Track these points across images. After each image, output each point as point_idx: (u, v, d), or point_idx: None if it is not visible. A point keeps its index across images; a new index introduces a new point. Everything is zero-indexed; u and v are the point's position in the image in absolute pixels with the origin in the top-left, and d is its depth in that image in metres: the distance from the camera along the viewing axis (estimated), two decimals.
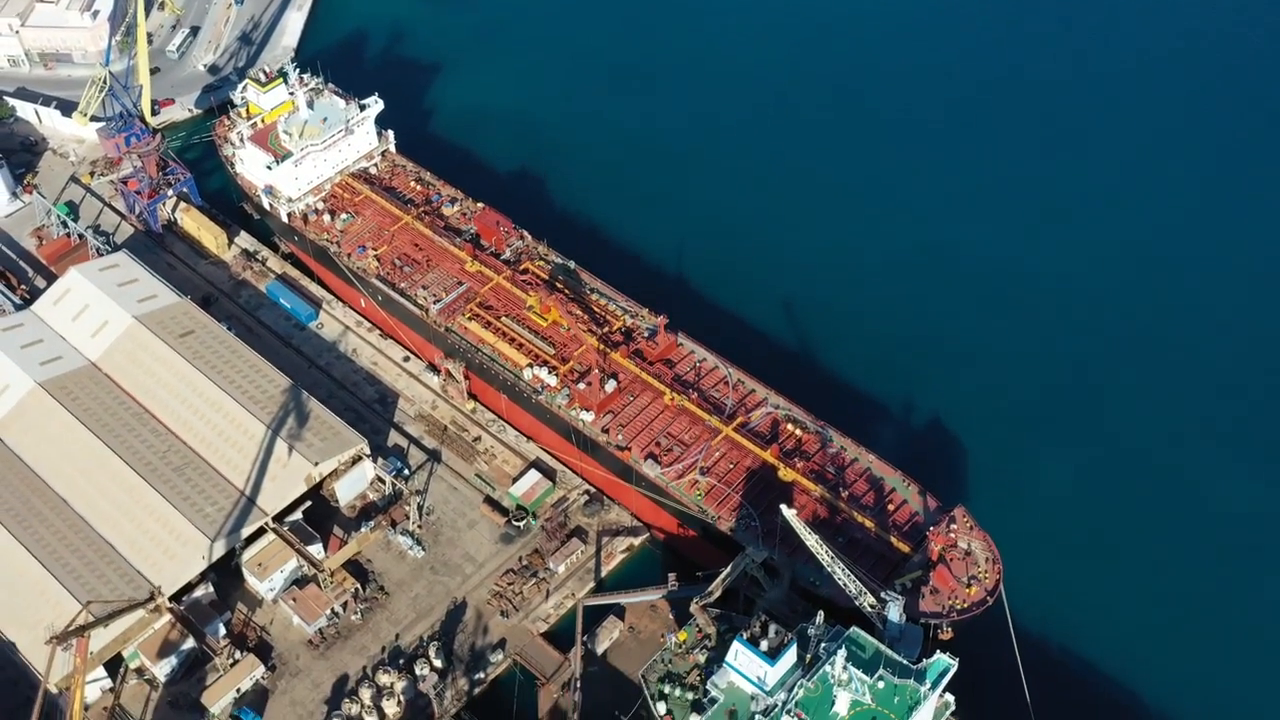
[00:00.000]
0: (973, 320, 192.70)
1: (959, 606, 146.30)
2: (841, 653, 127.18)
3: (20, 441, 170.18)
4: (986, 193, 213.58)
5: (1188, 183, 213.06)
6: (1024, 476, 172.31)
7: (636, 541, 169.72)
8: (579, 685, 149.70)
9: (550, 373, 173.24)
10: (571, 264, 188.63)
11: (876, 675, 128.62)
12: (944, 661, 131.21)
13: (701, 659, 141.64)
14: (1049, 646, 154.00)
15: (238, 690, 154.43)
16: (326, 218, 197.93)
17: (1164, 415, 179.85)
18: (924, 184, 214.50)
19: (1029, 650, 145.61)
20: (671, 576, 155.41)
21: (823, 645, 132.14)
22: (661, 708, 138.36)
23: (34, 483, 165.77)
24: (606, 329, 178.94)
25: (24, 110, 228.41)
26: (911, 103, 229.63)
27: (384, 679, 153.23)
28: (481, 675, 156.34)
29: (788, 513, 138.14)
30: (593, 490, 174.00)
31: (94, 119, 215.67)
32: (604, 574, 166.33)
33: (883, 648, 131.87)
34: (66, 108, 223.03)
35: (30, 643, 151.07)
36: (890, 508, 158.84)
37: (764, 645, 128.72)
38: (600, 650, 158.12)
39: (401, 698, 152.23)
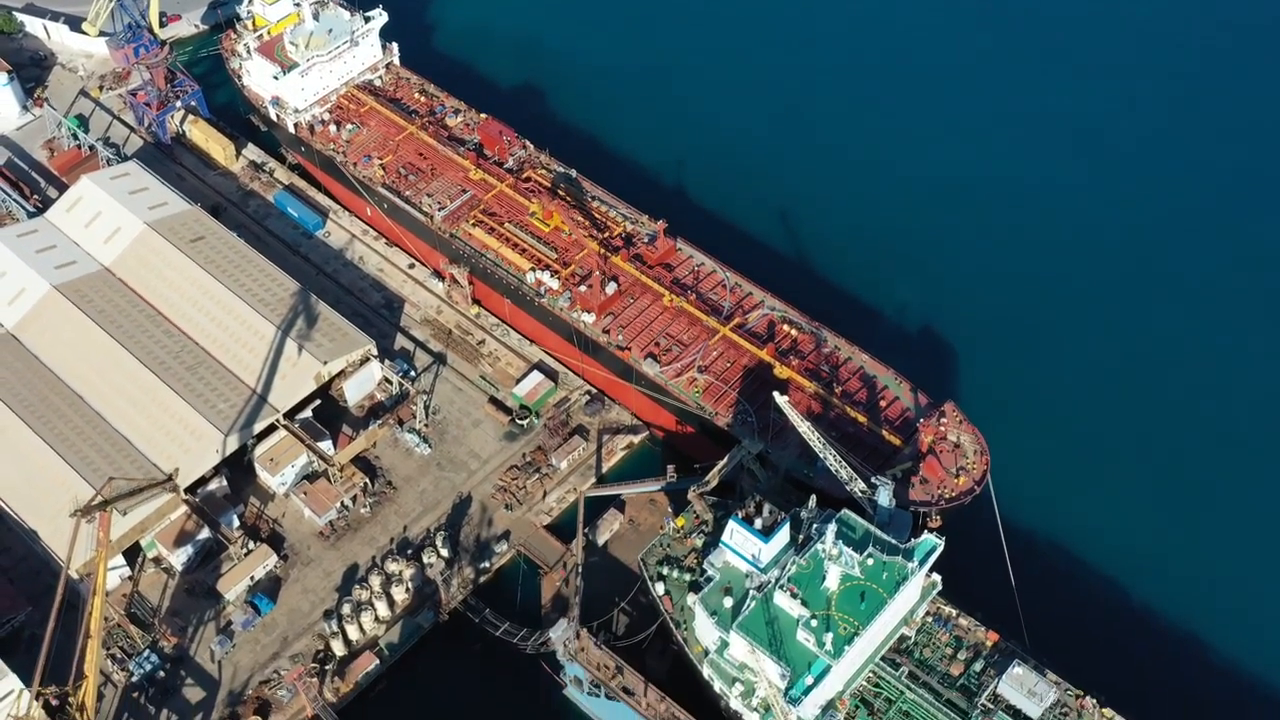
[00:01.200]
0: (968, 227, 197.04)
1: (947, 495, 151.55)
2: (832, 527, 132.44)
3: (37, 342, 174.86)
4: (982, 106, 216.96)
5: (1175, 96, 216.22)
6: (1014, 376, 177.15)
7: (636, 439, 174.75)
8: (580, 574, 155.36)
9: (552, 276, 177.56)
10: (573, 172, 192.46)
11: (866, 553, 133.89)
12: (931, 541, 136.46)
13: (698, 543, 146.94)
14: (1034, 535, 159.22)
15: (252, 578, 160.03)
16: (332, 128, 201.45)
17: (1155, 319, 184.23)
18: (922, 97, 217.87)
19: (1014, 539, 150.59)
20: (670, 468, 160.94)
21: (815, 526, 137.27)
22: (660, 588, 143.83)
23: (51, 381, 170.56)
24: (607, 234, 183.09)
25: (32, 25, 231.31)
26: (915, 20, 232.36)
27: (393, 567, 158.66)
28: (486, 565, 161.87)
29: (780, 400, 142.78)
30: (594, 390, 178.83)
31: (102, 33, 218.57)
32: (605, 470, 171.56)
33: (872, 528, 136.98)
34: (74, 23, 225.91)
35: (51, 531, 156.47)
36: (882, 404, 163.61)
37: (758, 524, 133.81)
38: (601, 541, 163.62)
39: (410, 585, 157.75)
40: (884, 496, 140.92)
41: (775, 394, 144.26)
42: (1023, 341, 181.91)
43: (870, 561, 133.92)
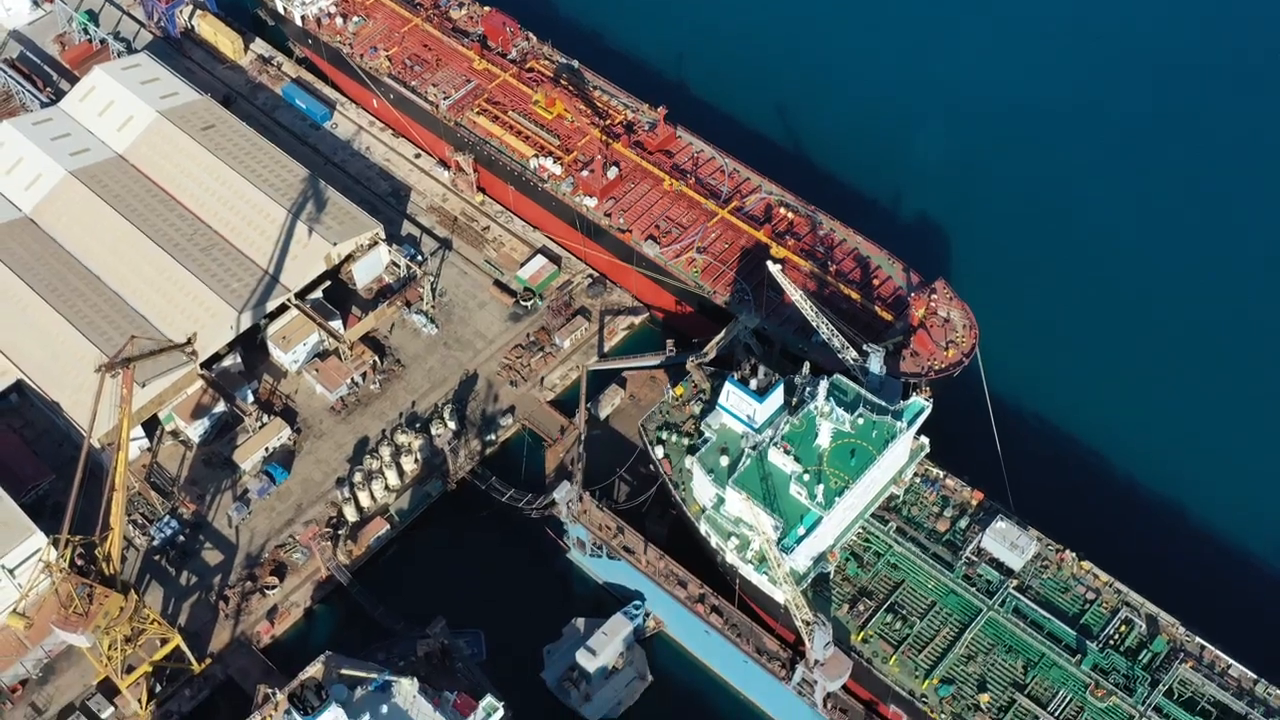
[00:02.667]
0: (963, 119, 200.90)
1: (936, 367, 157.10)
2: (824, 383, 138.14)
3: (54, 225, 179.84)
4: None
5: None
6: (1006, 258, 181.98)
7: (637, 320, 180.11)
8: (582, 444, 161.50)
9: (555, 163, 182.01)
10: (575, 63, 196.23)
11: (856, 414, 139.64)
12: (919, 403, 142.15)
13: (696, 410, 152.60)
14: (1020, 406, 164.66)
15: (266, 449, 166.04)
16: (339, 21, 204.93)
17: (1147, 200, 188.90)
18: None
19: (1001, 409, 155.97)
20: (669, 343, 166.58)
21: (808, 390, 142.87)
22: (659, 451, 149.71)
23: (69, 262, 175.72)
24: (608, 121, 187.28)
25: None
26: None
27: (402, 439, 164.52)
28: (492, 437, 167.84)
29: (773, 268, 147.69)
30: (595, 274, 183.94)
31: None
32: (606, 349, 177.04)
33: (863, 391, 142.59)
34: None
35: (73, 403, 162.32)
36: (875, 283, 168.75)
37: (753, 385, 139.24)
38: (603, 415, 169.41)
39: (418, 456, 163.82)
40: (875, 364, 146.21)
41: (768, 263, 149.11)
42: (1016, 225, 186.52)
43: (861, 421, 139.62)
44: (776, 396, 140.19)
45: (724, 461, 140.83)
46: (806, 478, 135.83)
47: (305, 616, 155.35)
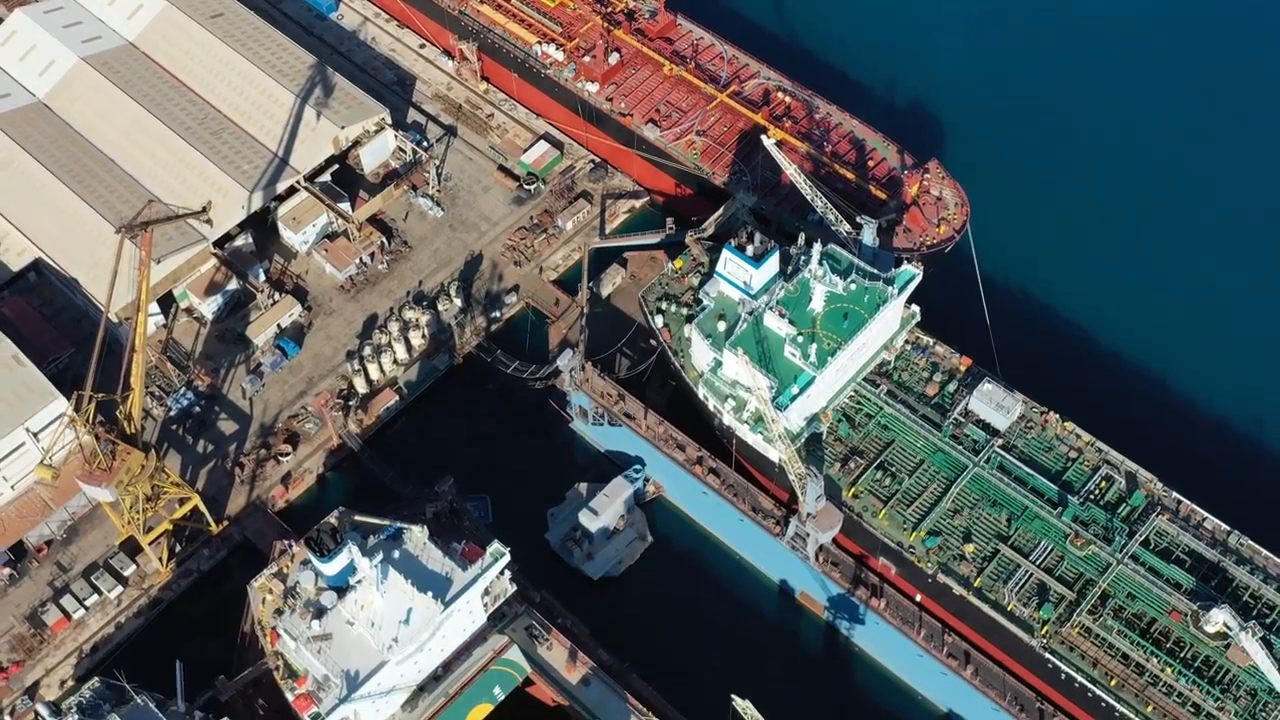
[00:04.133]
0: (958, 9, 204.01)
1: (928, 243, 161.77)
2: (818, 248, 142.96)
3: (68, 110, 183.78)
4: None
5: None
6: (998, 142, 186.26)
7: (637, 204, 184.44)
8: (585, 320, 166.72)
9: (557, 49, 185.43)
10: None
11: (849, 280, 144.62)
12: (910, 271, 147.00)
13: (695, 281, 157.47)
14: (1010, 281, 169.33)
15: (278, 326, 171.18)
16: None
17: (1137, 91, 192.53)
18: None
19: (990, 283, 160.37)
20: (669, 221, 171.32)
21: (803, 259, 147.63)
22: (659, 321, 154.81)
23: (83, 145, 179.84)
24: (609, 9, 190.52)
25: None
26: None
27: (410, 315, 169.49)
28: (497, 314, 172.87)
29: (768, 142, 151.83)
30: (597, 159, 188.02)
31: None
32: (607, 231, 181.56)
33: (856, 259, 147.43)
34: None
35: (91, 279, 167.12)
36: (870, 164, 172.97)
37: (750, 251, 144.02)
38: (604, 293, 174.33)
39: (426, 331, 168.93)
40: (868, 235, 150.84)
41: (763, 137, 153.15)
42: (1008, 110, 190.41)
43: (853, 286, 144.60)
44: (772, 263, 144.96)
45: (721, 327, 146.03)
46: (800, 340, 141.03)
47: (318, 483, 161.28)
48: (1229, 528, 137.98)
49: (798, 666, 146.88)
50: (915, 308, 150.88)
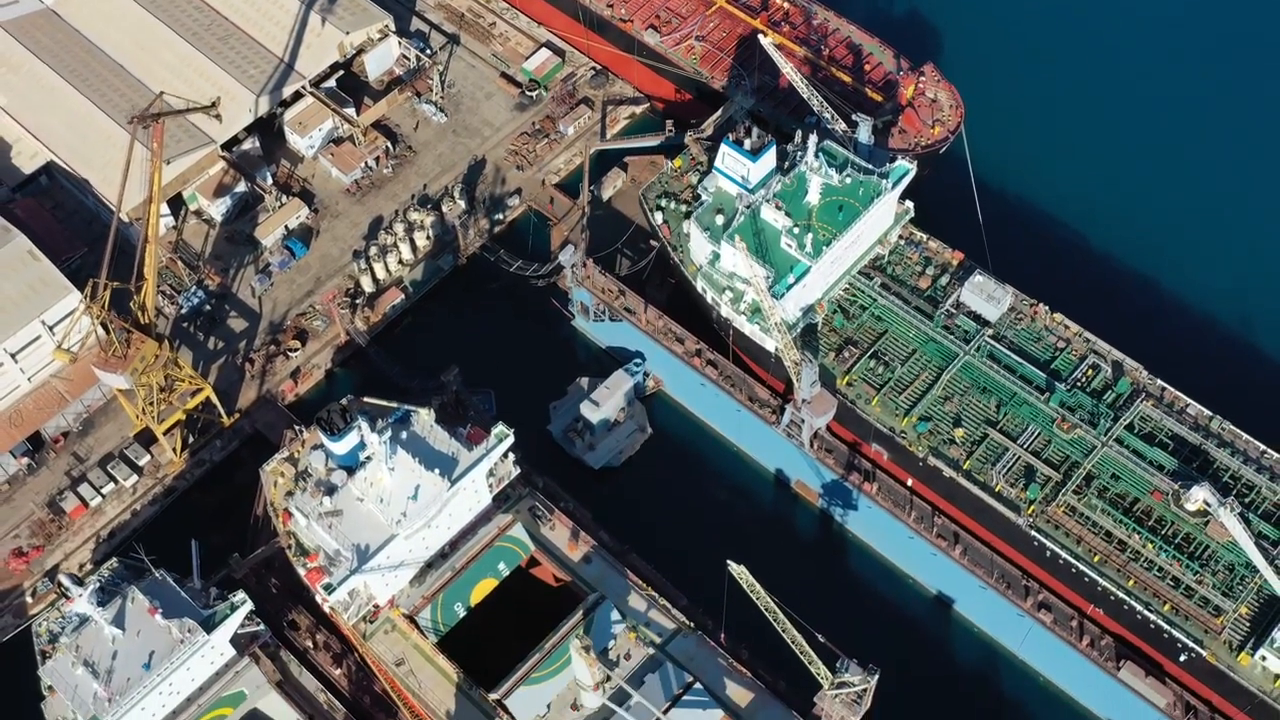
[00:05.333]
0: None
1: (923, 143, 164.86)
2: (814, 140, 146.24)
3: (75, 16, 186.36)
4: None
5: None
6: (995, 46, 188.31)
7: (638, 110, 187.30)
8: (585, 222, 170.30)
9: None
10: None
11: (845, 174, 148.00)
12: (904, 166, 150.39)
13: (694, 179, 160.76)
14: (1004, 182, 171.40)
15: (286, 227, 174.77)
16: None
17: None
18: None
19: (984, 185, 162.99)
20: (668, 124, 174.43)
21: (799, 154, 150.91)
22: (658, 218, 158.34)
23: (92, 51, 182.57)
24: None
25: None
26: None
27: (414, 216, 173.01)
28: (500, 217, 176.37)
29: (765, 42, 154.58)
30: (598, 67, 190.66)
31: None
32: (608, 136, 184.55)
33: (851, 155, 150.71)
34: None
35: (102, 180, 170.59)
36: (867, 68, 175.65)
37: (747, 145, 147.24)
38: (605, 197, 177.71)
39: (430, 232, 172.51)
40: (864, 132, 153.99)
41: (760, 37, 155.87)
42: (1005, 15, 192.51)
43: (848, 180, 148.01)
44: (769, 157, 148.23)
45: (719, 221, 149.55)
46: (796, 231, 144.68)
47: (326, 378, 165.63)
48: (1211, 413, 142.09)
49: (793, 553, 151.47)
50: (909, 204, 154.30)
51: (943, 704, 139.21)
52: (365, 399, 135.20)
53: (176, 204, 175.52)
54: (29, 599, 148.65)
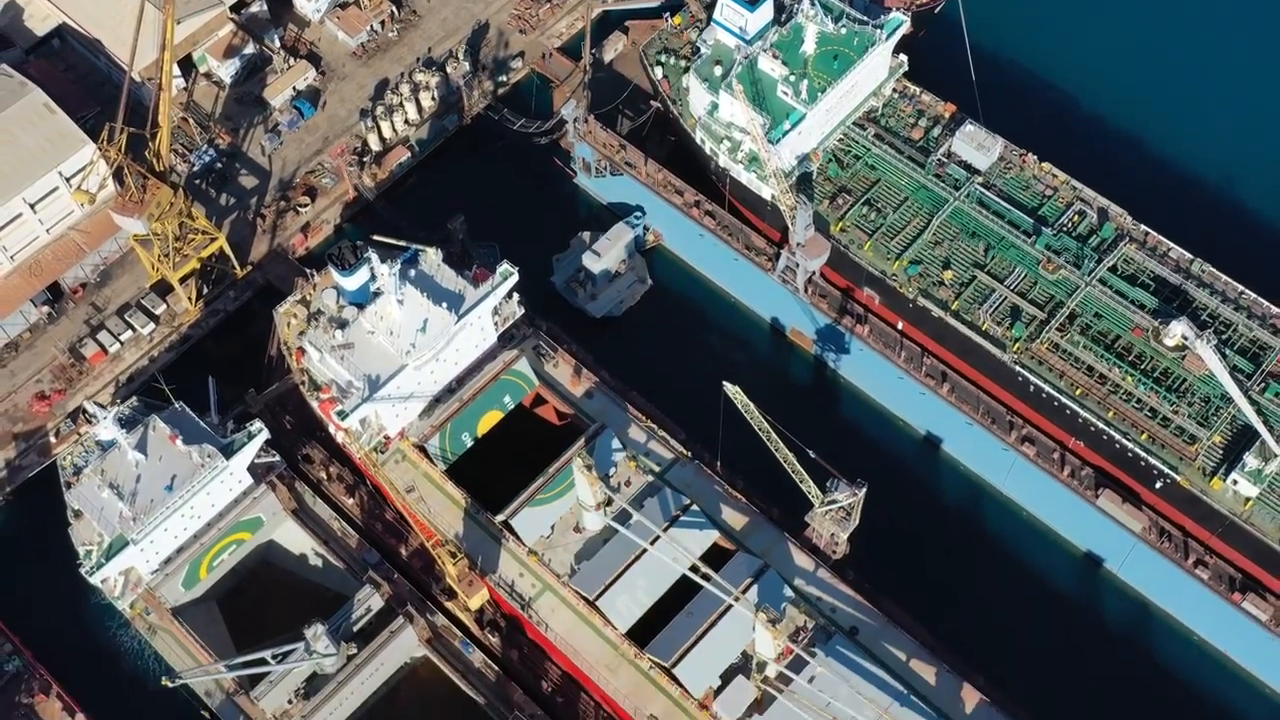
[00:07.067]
0: None
1: (919, 1, 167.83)
2: None
3: None
4: None
5: None
6: None
7: None
8: (586, 80, 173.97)
9: None
10: None
11: (840, 24, 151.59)
12: (899, 18, 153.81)
13: (694, 35, 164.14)
14: (999, 44, 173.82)
15: (294, 88, 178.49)
16: None
17: None
18: None
19: (978, 42, 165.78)
20: None
21: (795, 4, 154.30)
22: (658, 73, 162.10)
23: None
24: None
25: None
26: None
27: (420, 77, 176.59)
28: (504, 79, 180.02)
29: None
30: None
31: None
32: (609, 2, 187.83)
33: (847, 7, 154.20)
34: None
35: (113, 40, 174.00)
36: None
37: None
38: (607, 59, 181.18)
39: (435, 93, 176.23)
40: None
41: None
42: None
43: (843, 30, 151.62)
44: (767, 8, 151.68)
45: (718, 71, 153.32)
46: (793, 79, 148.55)
47: (335, 232, 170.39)
48: (1192, 256, 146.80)
49: (787, 398, 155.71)
50: (903, 57, 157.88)
51: (929, 543, 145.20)
52: (375, 237, 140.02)
53: (187, 66, 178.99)
54: (52, 439, 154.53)
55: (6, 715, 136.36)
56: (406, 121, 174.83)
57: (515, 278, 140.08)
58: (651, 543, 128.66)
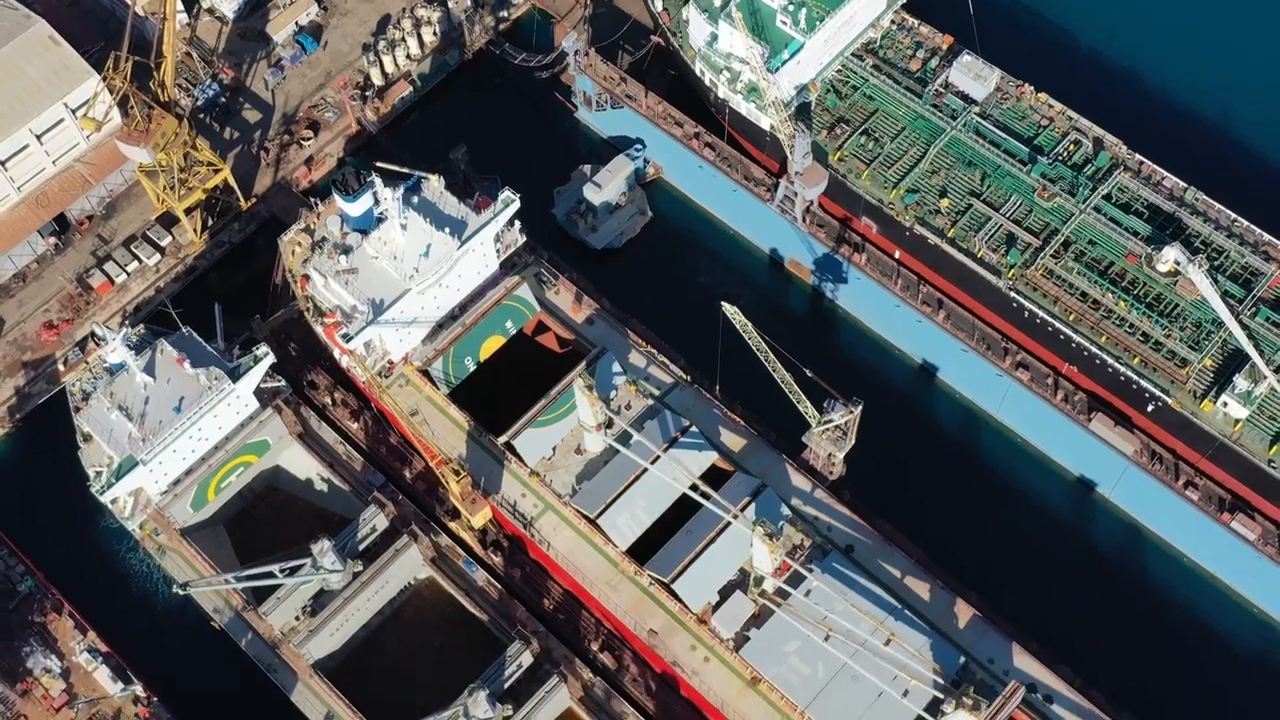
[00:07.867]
0: None
1: None
2: None
3: None
4: None
5: None
6: None
7: None
8: (587, 14, 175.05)
9: None
10: None
11: None
12: None
13: None
14: None
15: (296, 24, 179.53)
16: None
17: None
18: None
19: None
20: None
21: None
22: (658, 4, 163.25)
23: None
24: None
25: None
26: None
27: (421, 13, 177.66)
28: (505, 14, 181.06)
29: None
30: None
31: None
32: None
33: None
34: None
35: None
36: None
37: None
38: None
39: (437, 29, 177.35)
40: None
41: None
42: None
43: None
44: None
45: (717, 2, 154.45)
46: (791, 8, 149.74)
47: (338, 166, 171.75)
48: (1185, 184, 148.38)
49: (786, 327, 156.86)
50: None
51: (925, 468, 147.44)
52: (379, 163, 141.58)
53: (190, 1, 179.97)
54: (60, 367, 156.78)
55: (20, 634, 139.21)
56: (408, 56, 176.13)
57: (517, 204, 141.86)
58: (651, 462, 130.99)
